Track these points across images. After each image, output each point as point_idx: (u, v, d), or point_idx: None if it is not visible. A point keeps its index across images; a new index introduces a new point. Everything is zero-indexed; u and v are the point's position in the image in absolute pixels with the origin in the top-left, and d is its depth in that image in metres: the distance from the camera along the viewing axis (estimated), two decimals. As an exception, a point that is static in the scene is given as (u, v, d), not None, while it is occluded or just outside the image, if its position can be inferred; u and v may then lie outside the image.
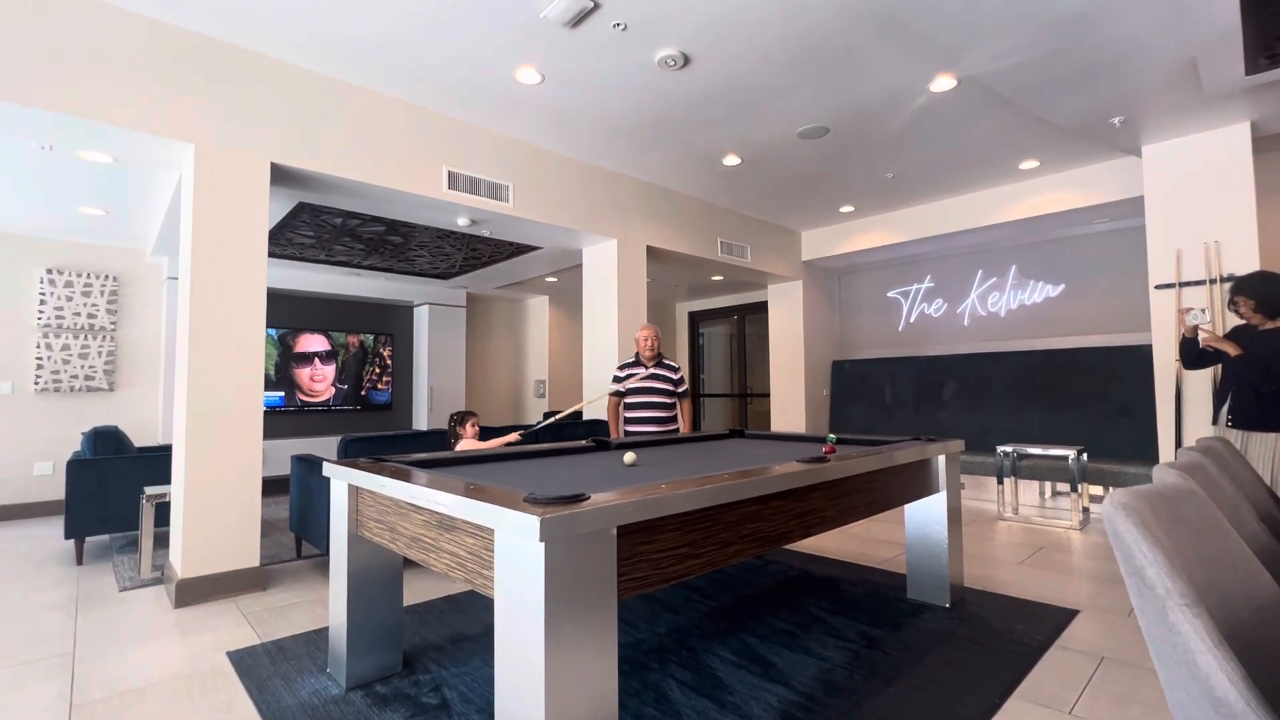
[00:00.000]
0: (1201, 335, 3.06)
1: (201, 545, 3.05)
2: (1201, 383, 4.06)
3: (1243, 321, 3.03)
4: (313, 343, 7.15)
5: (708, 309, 9.63)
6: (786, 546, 3.27)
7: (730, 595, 3.01)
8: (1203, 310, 3.05)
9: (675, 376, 4.10)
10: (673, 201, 5.54)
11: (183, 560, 3.00)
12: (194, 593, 3.00)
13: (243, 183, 3.23)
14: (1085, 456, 4.66)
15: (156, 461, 4.11)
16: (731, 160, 4.82)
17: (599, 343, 5.20)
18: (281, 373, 6.89)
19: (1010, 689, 2.06)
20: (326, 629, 2.66)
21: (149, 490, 3.55)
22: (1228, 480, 1.64)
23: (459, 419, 3.64)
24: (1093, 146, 4.56)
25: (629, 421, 4.10)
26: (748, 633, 2.55)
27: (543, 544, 1.26)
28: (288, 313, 6.98)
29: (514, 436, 3.64)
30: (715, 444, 3.19)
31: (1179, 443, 4.14)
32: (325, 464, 2.24)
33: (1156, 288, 4.26)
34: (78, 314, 5.51)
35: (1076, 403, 5.56)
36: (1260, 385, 2.82)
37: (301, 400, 7.00)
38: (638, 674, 2.19)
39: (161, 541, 4.17)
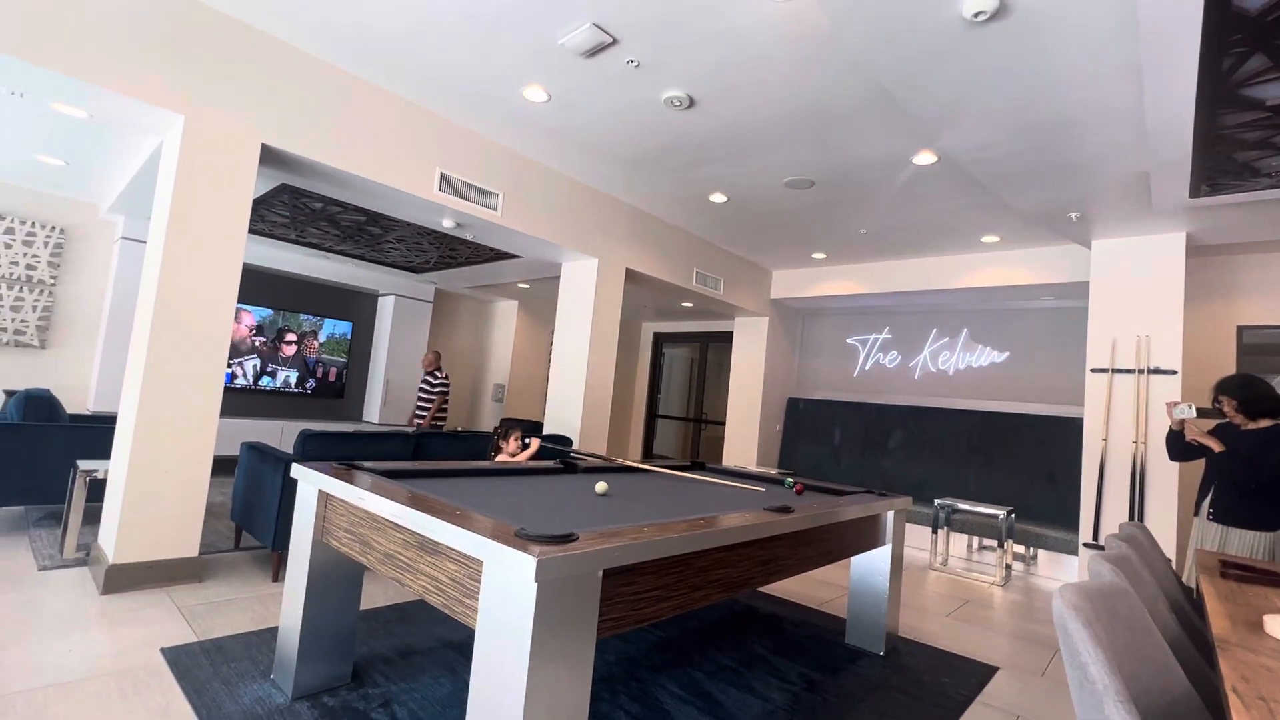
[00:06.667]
0: (1188, 430, 3.08)
1: (140, 529, 2.91)
2: (1122, 464, 4.42)
3: (1224, 420, 3.06)
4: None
5: (673, 332, 9.78)
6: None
7: (677, 627, 3.08)
8: (1190, 405, 3.08)
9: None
10: (656, 228, 5.65)
11: (117, 544, 2.86)
12: (125, 579, 2.86)
13: (230, 161, 3.14)
14: (1013, 516, 4.97)
15: (89, 434, 3.89)
16: (718, 198, 4.97)
17: (568, 357, 5.23)
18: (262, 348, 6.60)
19: (936, 742, 2.20)
20: (267, 630, 2.59)
21: (83, 464, 3.37)
22: (1147, 570, 1.83)
23: (503, 432, 3.66)
24: (1048, 233, 4.92)
25: None
26: (694, 667, 2.62)
27: (536, 583, 1.30)
28: (242, 288, 6.71)
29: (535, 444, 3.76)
30: (680, 476, 3.27)
31: (1098, 513, 4.48)
32: (295, 465, 2.21)
33: (1092, 371, 4.62)
34: (15, 263, 5.17)
35: (1008, 464, 5.93)
36: (1242, 483, 2.88)
37: (242, 381, 6.71)
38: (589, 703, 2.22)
39: (88, 519, 3.93)
